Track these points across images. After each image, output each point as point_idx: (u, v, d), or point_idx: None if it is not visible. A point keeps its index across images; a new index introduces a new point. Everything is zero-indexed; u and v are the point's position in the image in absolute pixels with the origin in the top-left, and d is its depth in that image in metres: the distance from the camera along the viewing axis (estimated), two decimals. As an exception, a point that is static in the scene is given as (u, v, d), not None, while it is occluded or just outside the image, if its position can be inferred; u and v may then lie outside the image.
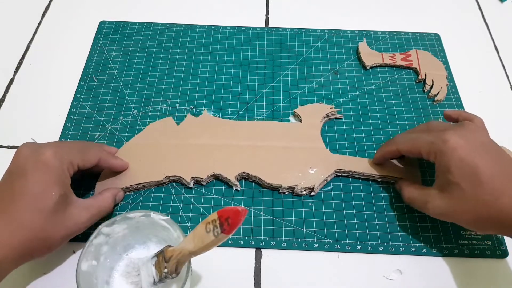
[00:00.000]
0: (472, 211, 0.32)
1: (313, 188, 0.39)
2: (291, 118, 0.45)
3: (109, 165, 0.38)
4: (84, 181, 0.39)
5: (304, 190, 0.39)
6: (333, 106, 0.45)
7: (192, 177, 0.40)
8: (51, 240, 0.31)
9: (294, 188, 0.39)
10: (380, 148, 0.40)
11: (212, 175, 0.40)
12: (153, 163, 0.40)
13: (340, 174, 0.41)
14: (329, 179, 0.40)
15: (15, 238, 0.29)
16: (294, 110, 0.45)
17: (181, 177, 0.40)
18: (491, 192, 0.31)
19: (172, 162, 0.40)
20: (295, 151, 0.41)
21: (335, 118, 0.45)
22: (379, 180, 0.41)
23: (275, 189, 0.40)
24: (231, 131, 0.43)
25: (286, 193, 0.40)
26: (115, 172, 0.40)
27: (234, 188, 0.40)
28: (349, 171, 0.40)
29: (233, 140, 0.42)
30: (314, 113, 0.44)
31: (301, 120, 0.44)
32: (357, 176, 0.41)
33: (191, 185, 0.40)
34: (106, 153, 0.38)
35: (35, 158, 0.32)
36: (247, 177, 0.41)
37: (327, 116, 0.45)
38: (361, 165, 0.41)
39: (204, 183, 0.40)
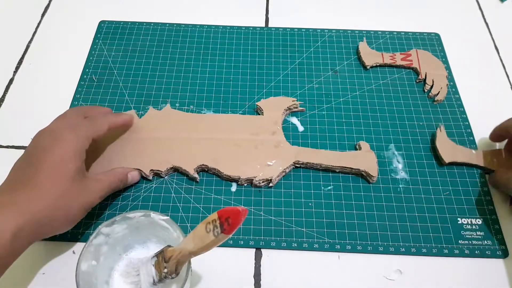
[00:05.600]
0: None
1: (271, 180, 0.40)
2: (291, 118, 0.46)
3: (118, 124, 0.40)
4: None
5: (262, 182, 0.40)
6: (295, 100, 0.45)
7: (151, 170, 0.40)
8: (70, 210, 0.33)
9: (253, 179, 0.40)
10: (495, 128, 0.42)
11: (171, 168, 0.41)
12: (112, 157, 0.41)
13: (299, 166, 0.41)
14: (287, 170, 0.41)
15: (36, 205, 0.31)
16: (257, 103, 0.45)
17: (140, 170, 0.40)
18: None
19: (131, 155, 0.41)
20: (254, 144, 0.42)
21: (298, 111, 0.46)
22: (337, 171, 0.41)
23: (234, 180, 0.40)
24: (192, 124, 0.43)
25: (245, 184, 0.40)
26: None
27: (194, 181, 0.40)
28: (307, 162, 0.41)
29: (193, 133, 0.42)
30: (276, 106, 0.45)
31: (263, 113, 0.44)
32: (316, 167, 0.41)
33: (150, 178, 0.40)
34: (112, 116, 0.40)
35: (53, 137, 0.34)
36: (206, 170, 0.41)
37: (289, 109, 0.45)
38: (319, 156, 0.41)
39: (163, 176, 0.41)
